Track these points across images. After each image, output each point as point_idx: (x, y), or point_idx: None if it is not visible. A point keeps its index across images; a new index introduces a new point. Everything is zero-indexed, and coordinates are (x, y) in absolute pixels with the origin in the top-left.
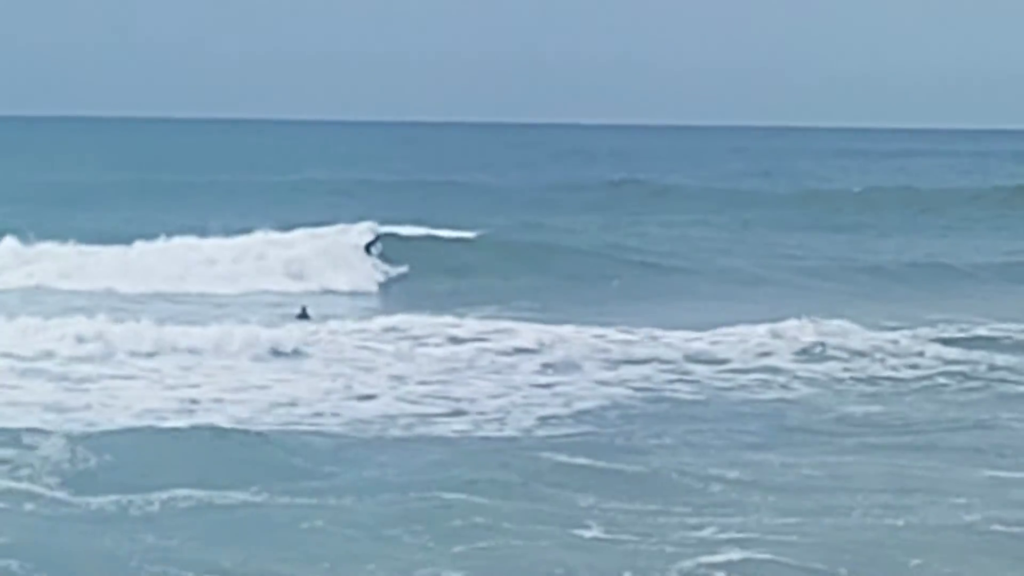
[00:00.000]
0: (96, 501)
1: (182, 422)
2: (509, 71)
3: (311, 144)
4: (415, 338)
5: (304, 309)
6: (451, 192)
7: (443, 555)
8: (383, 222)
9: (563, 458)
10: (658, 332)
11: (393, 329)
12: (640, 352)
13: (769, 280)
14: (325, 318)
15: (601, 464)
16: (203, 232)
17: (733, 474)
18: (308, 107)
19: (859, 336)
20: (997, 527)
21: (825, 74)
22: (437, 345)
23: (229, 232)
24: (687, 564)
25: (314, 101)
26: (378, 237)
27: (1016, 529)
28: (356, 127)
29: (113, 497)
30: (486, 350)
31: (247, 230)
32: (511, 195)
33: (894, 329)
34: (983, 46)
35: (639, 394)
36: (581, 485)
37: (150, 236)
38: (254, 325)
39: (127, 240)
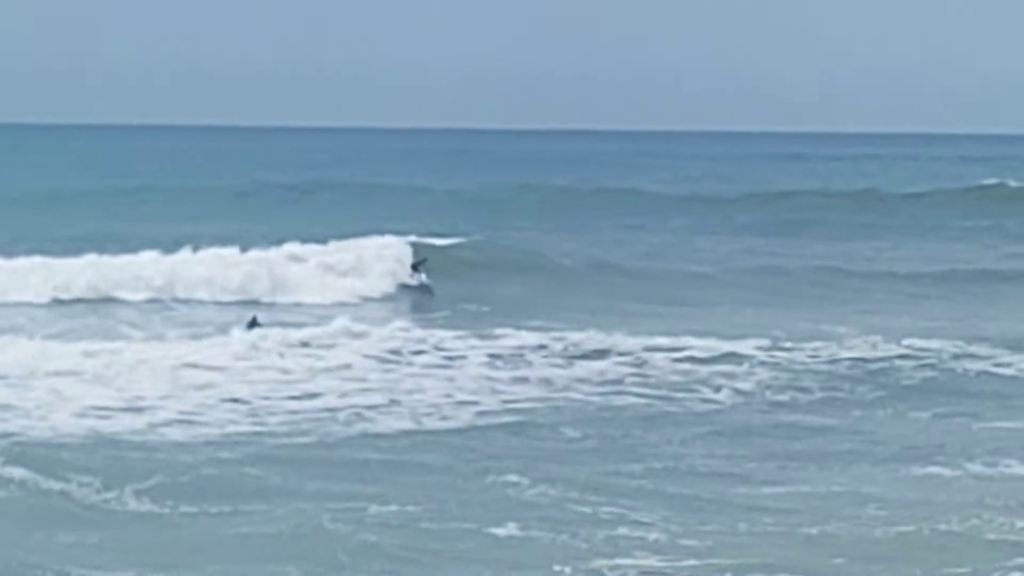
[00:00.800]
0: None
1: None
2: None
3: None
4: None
5: (255, 318)
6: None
7: (365, 554)
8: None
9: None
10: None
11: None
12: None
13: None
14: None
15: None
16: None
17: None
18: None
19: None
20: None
21: (774, 79)
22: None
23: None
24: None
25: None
26: (425, 259)
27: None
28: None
29: None
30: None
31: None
32: (454, 199)
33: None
34: (934, 50)
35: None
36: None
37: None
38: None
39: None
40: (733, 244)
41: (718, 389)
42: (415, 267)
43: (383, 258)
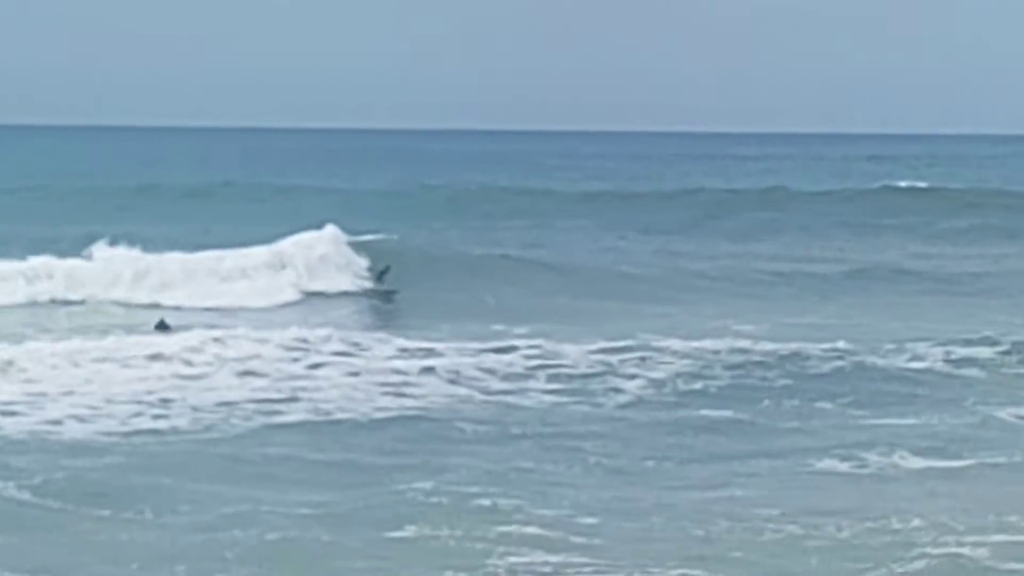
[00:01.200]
0: None
1: None
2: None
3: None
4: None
5: (162, 320)
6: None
7: (254, 555)
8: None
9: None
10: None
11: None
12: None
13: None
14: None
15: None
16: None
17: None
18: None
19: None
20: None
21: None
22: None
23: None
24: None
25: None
26: (388, 267)
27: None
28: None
29: None
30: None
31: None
32: (355, 198)
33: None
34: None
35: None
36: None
37: None
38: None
39: None
40: (642, 241)
41: (620, 388)
42: (380, 276)
43: (297, 258)
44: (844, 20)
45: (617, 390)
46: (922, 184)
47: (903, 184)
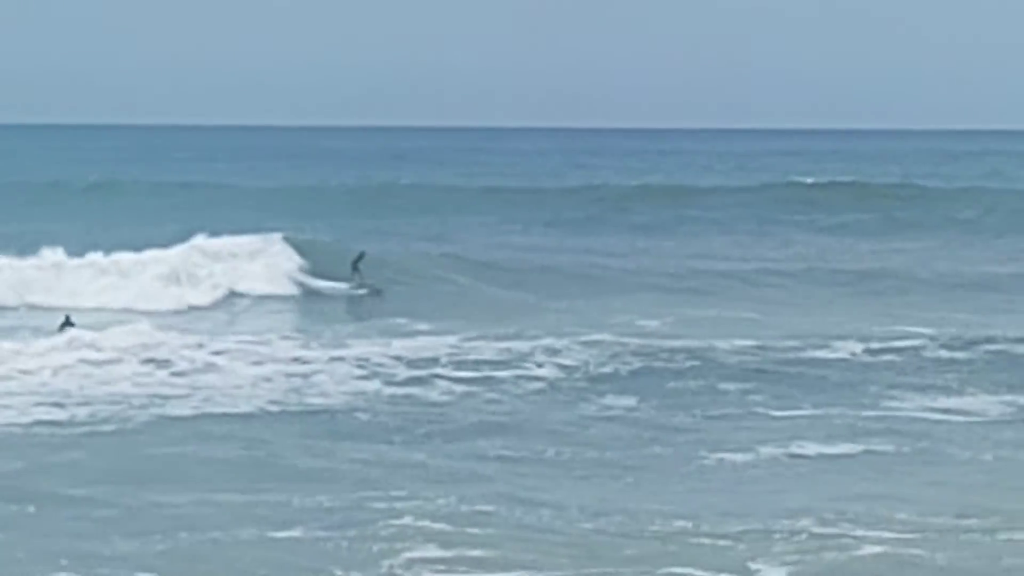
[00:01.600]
0: None
1: None
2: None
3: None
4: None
5: (67, 318)
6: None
7: (141, 553)
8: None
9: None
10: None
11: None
12: None
13: None
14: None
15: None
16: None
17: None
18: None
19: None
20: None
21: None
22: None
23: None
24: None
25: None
26: (363, 254)
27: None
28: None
29: None
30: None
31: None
32: (251, 197)
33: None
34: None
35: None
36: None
37: None
38: None
39: None
40: (543, 236)
41: (522, 381)
42: (355, 265)
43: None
44: (745, 11)
45: (519, 383)
46: (836, 179)
47: (809, 180)
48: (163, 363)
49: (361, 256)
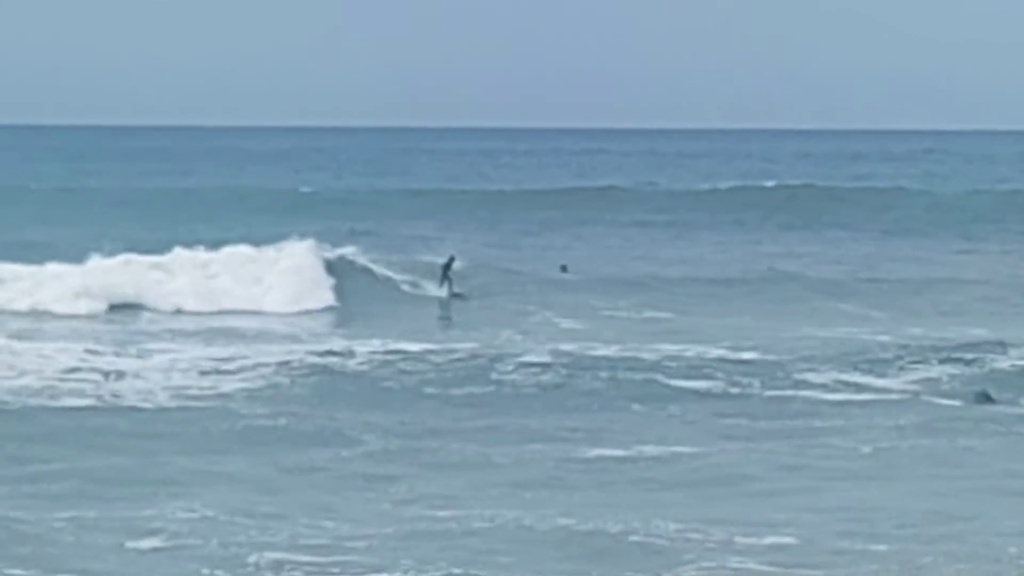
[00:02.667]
0: None
1: None
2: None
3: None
4: None
5: None
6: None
7: None
8: None
9: None
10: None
11: None
12: None
13: None
14: None
15: None
16: None
17: None
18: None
19: None
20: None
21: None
22: None
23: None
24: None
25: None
26: (452, 258)
27: None
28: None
29: None
30: None
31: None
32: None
33: None
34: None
35: None
36: None
37: None
38: None
39: None
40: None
41: (408, 387)
42: (446, 269)
43: None
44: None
45: (406, 389)
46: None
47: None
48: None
49: (451, 261)
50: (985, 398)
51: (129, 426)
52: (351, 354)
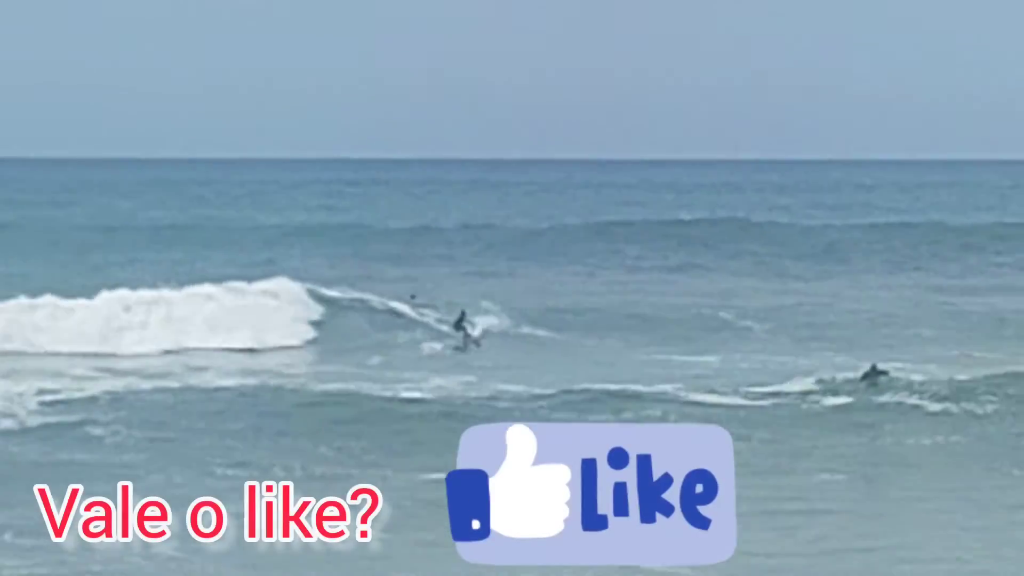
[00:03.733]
0: None
1: None
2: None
3: None
4: None
5: None
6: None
7: None
8: None
9: None
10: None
11: None
12: None
13: None
14: None
15: None
16: None
17: None
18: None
19: None
20: None
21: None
22: None
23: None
24: None
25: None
26: (464, 313)
27: None
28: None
29: None
30: None
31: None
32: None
33: None
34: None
35: None
36: None
37: None
38: None
39: None
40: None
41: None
42: (459, 324)
43: None
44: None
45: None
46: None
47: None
48: None
49: (463, 316)
50: None
51: None
52: None
